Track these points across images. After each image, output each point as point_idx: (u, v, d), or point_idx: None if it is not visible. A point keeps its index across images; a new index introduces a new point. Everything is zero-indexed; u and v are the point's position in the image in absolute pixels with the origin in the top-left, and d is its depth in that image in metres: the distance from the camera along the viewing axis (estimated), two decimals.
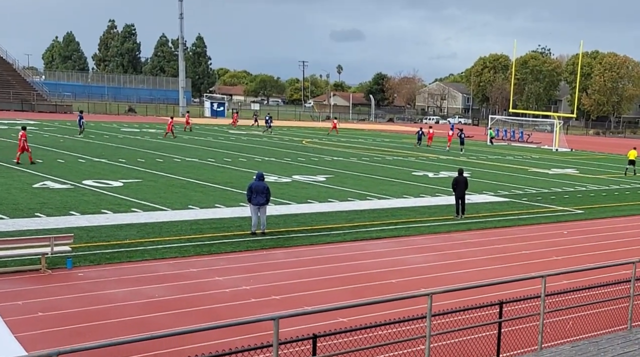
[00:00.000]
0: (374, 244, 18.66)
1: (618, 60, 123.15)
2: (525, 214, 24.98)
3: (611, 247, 19.88)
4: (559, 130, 68.92)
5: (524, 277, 11.81)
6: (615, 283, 12.03)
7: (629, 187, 35.47)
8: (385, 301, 10.02)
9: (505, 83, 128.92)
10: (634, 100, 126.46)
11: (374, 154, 48.28)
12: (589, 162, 52.15)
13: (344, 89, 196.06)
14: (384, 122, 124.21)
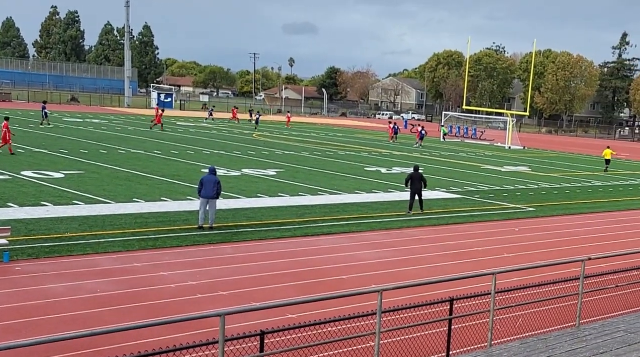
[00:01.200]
0: (325, 240, 18.70)
1: (572, 59, 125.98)
2: (478, 211, 25.38)
3: (562, 245, 20.36)
4: (512, 128, 70.21)
5: (474, 274, 11.99)
6: (564, 281, 12.33)
7: (579, 185, 36.38)
8: (335, 297, 10.07)
9: (459, 80, 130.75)
10: (586, 100, 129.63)
11: (327, 148, 48.40)
12: (542, 160, 53.30)
13: (297, 82, 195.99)
14: (337, 116, 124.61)
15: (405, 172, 36.23)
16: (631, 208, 29.50)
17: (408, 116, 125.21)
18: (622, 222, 25.54)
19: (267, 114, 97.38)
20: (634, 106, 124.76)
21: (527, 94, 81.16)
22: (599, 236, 22.19)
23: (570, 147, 75.66)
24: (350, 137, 65.37)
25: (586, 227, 23.83)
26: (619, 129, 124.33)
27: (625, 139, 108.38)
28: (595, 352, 8.86)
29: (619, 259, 15.49)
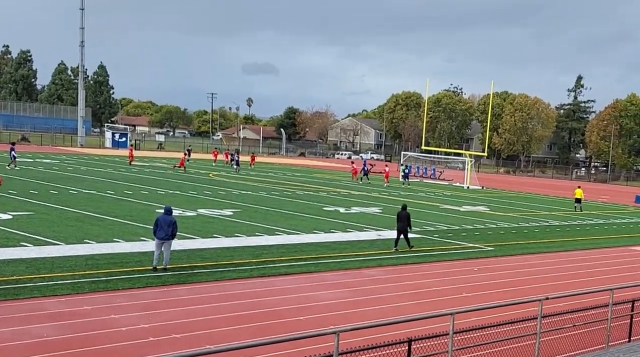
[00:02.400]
0: (282, 280, 18.60)
1: (529, 101, 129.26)
2: (437, 250, 25.58)
3: (520, 284, 20.59)
4: (471, 168, 71.32)
5: (433, 314, 12.03)
6: (523, 320, 12.43)
7: (537, 225, 36.98)
8: (292, 339, 9.97)
9: (418, 120, 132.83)
10: (543, 140, 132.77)
11: (285, 188, 48.41)
12: (500, 199, 54.11)
13: (255, 122, 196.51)
14: (295, 156, 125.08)
15: (365, 212, 36.59)
16: (588, 247, 30.06)
17: (367, 156, 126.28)
18: (580, 261, 25.99)
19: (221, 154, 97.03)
20: (590, 147, 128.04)
21: (485, 134, 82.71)
22: (556, 275, 22.51)
23: (528, 187, 77.04)
24: (309, 176, 65.58)
25: (544, 267, 24.16)
26: (575, 170, 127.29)
27: (582, 179, 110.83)
28: None
29: (576, 298, 15.70)
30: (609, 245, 31.35)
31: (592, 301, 14.47)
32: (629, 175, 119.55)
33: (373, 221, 33.07)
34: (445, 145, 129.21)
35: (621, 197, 69.31)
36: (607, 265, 25.56)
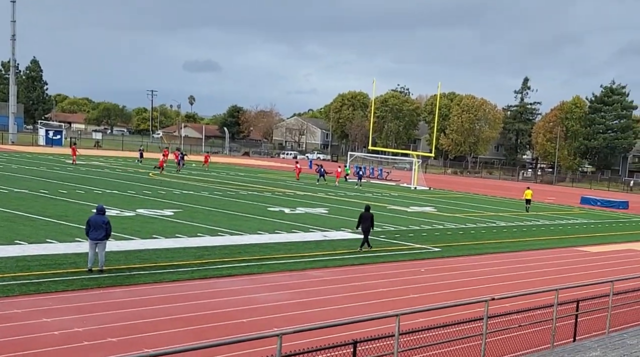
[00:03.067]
0: (225, 282, 18.43)
1: (476, 102, 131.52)
2: (384, 251, 25.75)
3: (467, 285, 20.89)
4: (418, 169, 72.13)
5: (378, 315, 12.08)
6: (469, 321, 12.58)
7: (484, 225, 37.62)
8: (233, 342, 9.84)
9: (365, 120, 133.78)
10: (490, 141, 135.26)
11: (228, 188, 48.08)
12: (447, 200, 54.86)
13: (197, 120, 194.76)
14: (239, 155, 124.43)
15: (311, 213, 36.61)
16: (534, 248, 30.71)
17: (313, 156, 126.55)
18: (526, 262, 26.52)
19: None
20: (536, 148, 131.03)
21: (432, 135, 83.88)
22: (503, 276, 22.92)
23: (475, 187, 78.35)
24: (253, 176, 65.31)
25: (491, 267, 24.57)
26: (522, 171, 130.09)
27: (528, 180, 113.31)
28: None
29: (522, 299, 16.00)
30: (555, 246, 32.09)
31: (538, 302, 14.75)
32: (575, 176, 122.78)
33: (319, 221, 33.11)
34: (393, 145, 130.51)
35: (567, 199, 71.09)
36: (553, 265, 26.14)
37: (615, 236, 39.01)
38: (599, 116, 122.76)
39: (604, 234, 39.14)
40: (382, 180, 77.51)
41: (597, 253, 30.81)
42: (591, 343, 12.42)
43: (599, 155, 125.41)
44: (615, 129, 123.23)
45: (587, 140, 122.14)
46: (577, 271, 25.39)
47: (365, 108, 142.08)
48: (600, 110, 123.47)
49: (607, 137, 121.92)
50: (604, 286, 17.01)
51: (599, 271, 25.33)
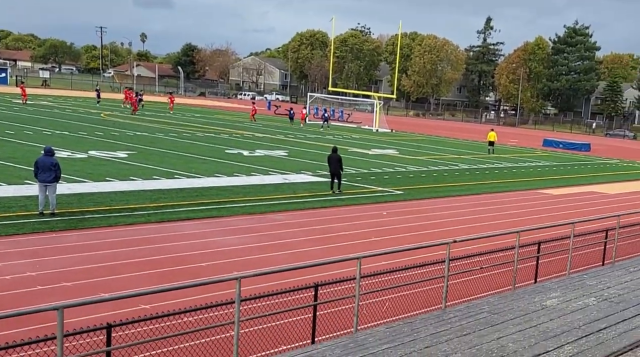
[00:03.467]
0: (183, 226, 18.38)
1: (438, 43, 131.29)
2: (345, 194, 25.88)
3: (429, 228, 21.17)
4: (379, 111, 72.21)
5: (340, 258, 12.18)
6: (431, 264, 12.76)
7: (447, 168, 38.01)
8: (192, 285, 9.85)
9: (325, 60, 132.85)
10: (452, 83, 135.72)
11: (183, 129, 47.60)
12: (409, 143, 55.19)
13: (149, 59, 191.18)
14: (195, 96, 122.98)
15: (270, 155, 36.53)
16: (496, 190, 31.17)
17: (271, 97, 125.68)
18: (488, 205, 26.95)
19: (114, 92, 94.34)
20: (499, 90, 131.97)
21: (393, 76, 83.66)
22: (465, 219, 23.26)
23: (438, 130, 78.88)
24: (210, 118, 64.69)
25: (453, 210, 24.91)
26: (485, 113, 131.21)
27: (491, 122, 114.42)
28: (459, 334, 9.22)
29: (483, 241, 16.24)
30: (518, 188, 32.63)
31: (500, 244, 15.02)
32: (538, 118, 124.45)
33: (279, 164, 33.06)
34: (354, 86, 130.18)
35: (530, 141, 72.12)
36: (515, 208, 26.61)
37: (577, 178, 39.79)
38: (562, 57, 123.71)
39: (566, 177, 39.88)
40: (343, 122, 77.46)
41: (558, 195, 31.42)
42: (552, 284, 12.73)
43: (562, 98, 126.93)
44: (578, 71, 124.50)
45: (550, 82, 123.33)
46: (539, 213, 25.89)
47: (325, 48, 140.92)
48: (563, 52, 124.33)
49: (570, 79, 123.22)
50: (565, 228, 17.37)
51: (561, 213, 25.87)
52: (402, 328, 10.13)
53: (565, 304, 10.18)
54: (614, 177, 42.29)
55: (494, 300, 12.22)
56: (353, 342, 9.24)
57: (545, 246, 15.52)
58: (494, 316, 10.47)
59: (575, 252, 15.95)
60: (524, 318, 9.60)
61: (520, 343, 7.60)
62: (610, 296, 10.46)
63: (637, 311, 8.84)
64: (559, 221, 22.03)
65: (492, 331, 9.19)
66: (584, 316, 8.95)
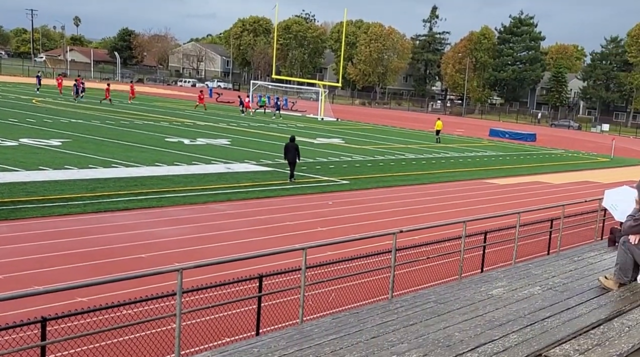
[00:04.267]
0: (121, 216, 18.16)
1: (383, 31, 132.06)
2: (290, 184, 25.89)
3: (375, 218, 21.34)
4: (325, 99, 72.33)
5: (285, 249, 12.21)
6: (377, 254, 12.88)
7: (393, 158, 38.35)
8: (132, 277, 9.74)
9: (268, 47, 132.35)
10: (398, 72, 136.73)
11: (121, 117, 46.90)
12: (355, 132, 55.47)
13: (84, 44, 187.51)
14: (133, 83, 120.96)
15: (212, 144, 36.29)
16: (443, 180, 31.60)
17: (213, 84, 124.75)
18: (435, 194, 27.30)
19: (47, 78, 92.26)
20: (446, 79, 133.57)
21: (339, 64, 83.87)
22: (411, 208, 23.54)
23: (384, 119, 79.45)
24: (148, 105, 63.87)
25: (399, 200, 25.16)
26: (431, 102, 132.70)
27: (438, 111, 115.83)
28: (406, 324, 9.33)
29: (430, 231, 16.46)
30: (464, 178, 33.15)
31: (446, 234, 15.27)
32: (484, 108, 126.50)
33: (221, 153, 32.88)
34: (298, 74, 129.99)
35: (476, 131, 73.26)
36: (461, 198, 27.03)
37: (523, 168, 40.62)
38: (508, 47, 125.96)
39: (511, 167, 40.67)
40: (288, 110, 77.38)
41: (505, 185, 32.04)
42: (498, 273, 12.98)
43: (508, 87, 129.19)
44: (524, 61, 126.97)
45: (496, 72, 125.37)
46: (485, 203, 26.37)
47: (268, 34, 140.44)
48: (509, 42, 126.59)
49: (516, 69, 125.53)
50: (511, 218, 17.72)
51: (507, 203, 26.39)
52: (348, 319, 10.20)
53: (511, 293, 10.39)
54: (558, 167, 43.32)
55: (441, 290, 12.40)
56: (298, 333, 9.26)
57: (492, 235, 15.82)
58: (440, 305, 10.61)
59: (521, 241, 16.29)
60: (470, 307, 9.77)
61: (467, 332, 7.73)
62: (555, 284, 10.72)
63: (580, 299, 9.08)
64: (505, 210, 22.45)
65: (438, 320, 9.32)
66: (529, 305, 9.16)
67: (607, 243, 13.52)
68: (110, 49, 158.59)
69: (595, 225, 18.12)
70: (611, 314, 7.48)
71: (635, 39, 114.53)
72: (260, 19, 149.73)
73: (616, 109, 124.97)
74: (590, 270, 11.27)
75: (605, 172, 41.92)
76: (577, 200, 19.86)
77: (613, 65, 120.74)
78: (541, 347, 5.80)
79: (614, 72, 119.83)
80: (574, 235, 18.94)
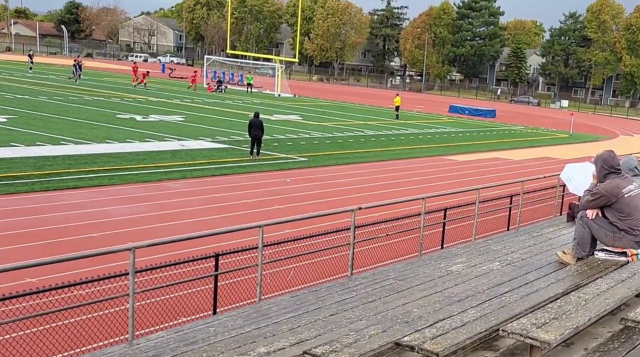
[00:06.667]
0: (71, 195, 17.94)
1: (340, 5, 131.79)
2: (246, 161, 25.83)
3: (334, 195, 21.44)
4: (281, 75, 72.07)
5: (241, 227, 12.20)
6: (336, 231, 12.96)
7: (352, 134, 38.46)
8: (83, 257, 9.63)
9: (222, 22, 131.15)
10: (357, 47, 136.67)
11: (69, 92, 46.14)
12: (313, 108, 55.43)
13: (29, 17, 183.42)
14: (82, 57, 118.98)
15: (165, 120, 35.96)
16: (402, 157, 31.81)
17: (165, 59, 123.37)
18: (394, 171, 27.49)
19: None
20: (404, 55, 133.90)
21: (295, 39, 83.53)
22: (371, 185, 23.67)
23: (342, 95, 79.48)
24: (98, 80, 62.91)
25: (358, 177, 25.28)
26: (390, 78, 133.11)
27: (397, 88, 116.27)
28: (364, 301, 9.41)
29: (390, 208, 16.57)
30: (424, 154, 33.41)
31: (406, 210, 15.41)
32: (443, 84, 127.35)
33: (175, 130, 32.60)
34: (254, 49, 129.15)
35: (436, 107, 73.75)
36: (421, 174, 27.26)
37: (483, 144, 41.07)
38: (467, 23, 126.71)
39: (471, 143, 41.09)
40: (243, 86, 76.91)
41: (464, 162, 32.37)
42: (457, 250, 13.16)
43: (467, 63, 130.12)
44: (483, 36, 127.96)
45: (455, 48, 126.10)
46: (445, 179, 26.64)
47: (222, 8, 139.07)
48: (468, 17, 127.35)
49: (475, 44, 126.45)
50: (470, 194, 17.93)
51: (467, 180, 26.68)
52: (307, 297, 10.26)
53: (470, 269, 10.53)
54: (518, 143, 43.91)
55: (400, 267, 12.53)
56: (256, 311, 9.30)
57: (452, 212, 16.02)
58: (399, 282, 10.73)
59: (481, 218, 16.52)
60: (430, 284, 9.89)
61: (425, 308, 7.82)
62: (513, 260, 10.89)
63: (538, 274, 9.24)
64: (465, 187, 22.71)
65: (397, 297, 9.42)
66: (488, 280, 9.29)
67: (565, 218, 13.77)
68: (56, 22, 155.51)
69: (555, 201, 18.45)
70: (569, 288, 7.63)
71: (595, 15, 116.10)
72: None
73: (575, 85, 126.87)
74: (548, 245, 11.47)
75: (565, 148, 42.63)
76: (536, 176, 20.15)
77: (572, 41, 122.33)
78: (499, 322, 5.90)
79: (572, 48, 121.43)
80: (534, 211, 19.26)
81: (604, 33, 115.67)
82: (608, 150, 8.79)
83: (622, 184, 8.48)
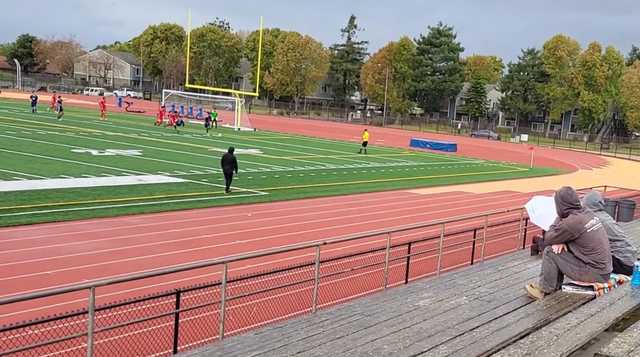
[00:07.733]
0: (24, 231, 17.57)
1: (301, 40, 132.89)
2: (206, 196, 25.63)
3: (297, 230, 21.32)
4: (241, 109, 72.12)
5: (203, 263, 12.04)
6: (300, 266, 12.85)
7: (313, 168, 38.47)
8: (38, 296, 9.38)
9: (181, 56, 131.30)
10: (317, 82, 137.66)
11: (22, 126, 45.56)
12: (274, 142, 55.44)
13: None
14: (35, 91, 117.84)
15: (123, 155, 35.62)
16: (365, 191, 31.87)
17: (122, 93, 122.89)
18: (357, 205, 27.49)
19: None
20: (365, 90, 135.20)
21: (255, 73, 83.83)
22: (334, 220, 23.61)
23: (303, 129, 79.74)
24: (52, 114, 62.20)
25: (321, 211, 25.23)
26: (351, 112, 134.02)
27: (358, 122, 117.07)
28: (332, 337, 9.30)
29: (354, 242, 16.56)
30: (386, 188, 33.50)
31: (370, 245, 15.35)
32: (404, 118, 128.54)
33: (132, 164, 32.28)
34: (213, 83, 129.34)
35: (397, 141, 74.33)
36: (384, 208, 27.29)
37: (445, 178, 41.37)
38: (427, 58, 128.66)
39: (433, 177, 41.37)
40: (202, 120, 76.68)
41: (427, 195, 32.55)
42: (423, 284, 13.11)
43: (428, 98, 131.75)
44: (443, 71, 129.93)
45: (416, 83, 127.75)
46: (408, 213, 26.70)
47: (181, 42, 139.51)
48: (428, 52, 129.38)
49: (435, 79, 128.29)
50: (434, 228, 17.99)
51: (430, 213, 26.80)
52: (272, 333, 10.10)
53: (437, 304, 10.49)
54: (479, 177, 44.33)
55: (366, 302, 12.44)
56: (219, 349, 9.11)
57: (416, 245, 16.01)
58: (366, 317, 10.64)
59: (445, 251, 16.55)
60: (398, 319, 9.81)
61: (395, 344, 7.75)
62: (481, 294, 10.88)
63: (507, 308, 9.24)
64: (429, 220, 22.80)
65: (365, 333, 9.32)
66: (457, 315, 9.25)
67: (529, 252, 13.85)
68: (9, 55, 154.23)
69: (518, 234, 18.60)
70: (539, 323, 7.63)
71: (551, 51, 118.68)
72: (172, 26, 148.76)
73: (534, 120, 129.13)
74: (515, 279, 11.52)
75: (525, 182, 43.15)
76: (499, 209, 20.30)
77: (530, 76, 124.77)
78: None
79: (531, 83, 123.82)
80: (497, 244, 19.36)
81: (561, 69, 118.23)
82: (566, 187, 8.90)
83: (585, 219, 8.61)
